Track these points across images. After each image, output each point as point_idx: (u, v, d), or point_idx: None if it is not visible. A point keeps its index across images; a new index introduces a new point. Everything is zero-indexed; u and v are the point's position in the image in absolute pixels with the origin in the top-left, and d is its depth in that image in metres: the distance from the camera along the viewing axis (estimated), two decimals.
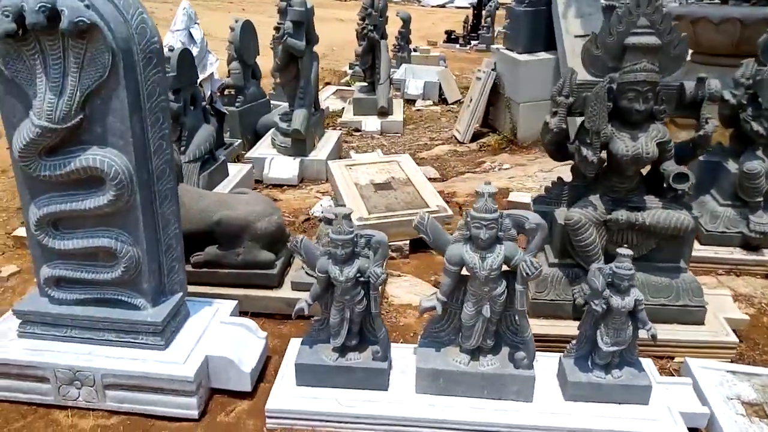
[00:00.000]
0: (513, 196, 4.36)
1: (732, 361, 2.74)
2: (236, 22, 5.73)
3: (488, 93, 6.16)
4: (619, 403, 2.33)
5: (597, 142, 2.62)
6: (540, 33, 5.77)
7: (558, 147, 2.86)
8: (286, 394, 2.40)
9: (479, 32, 13.94)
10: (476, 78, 6.47)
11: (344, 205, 3.81)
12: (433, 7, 24.31)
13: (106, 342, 2.48)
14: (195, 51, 6.39)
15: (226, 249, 3.05)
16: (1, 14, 2.00)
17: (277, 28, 4.66)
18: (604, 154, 2.69)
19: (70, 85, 2.11)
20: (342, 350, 2.45)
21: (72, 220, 2.37)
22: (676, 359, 2.79)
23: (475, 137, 6.38)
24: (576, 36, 5.54)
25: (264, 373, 2.70)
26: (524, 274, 2.17)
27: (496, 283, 2.24)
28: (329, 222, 3.02)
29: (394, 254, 3.76)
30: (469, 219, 2.20)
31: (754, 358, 2.86)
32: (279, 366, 2.76)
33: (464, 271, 2.29)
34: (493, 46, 8.43)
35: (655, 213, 2.75)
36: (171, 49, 4.16)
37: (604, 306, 2.22)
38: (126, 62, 2.12)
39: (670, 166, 2.74)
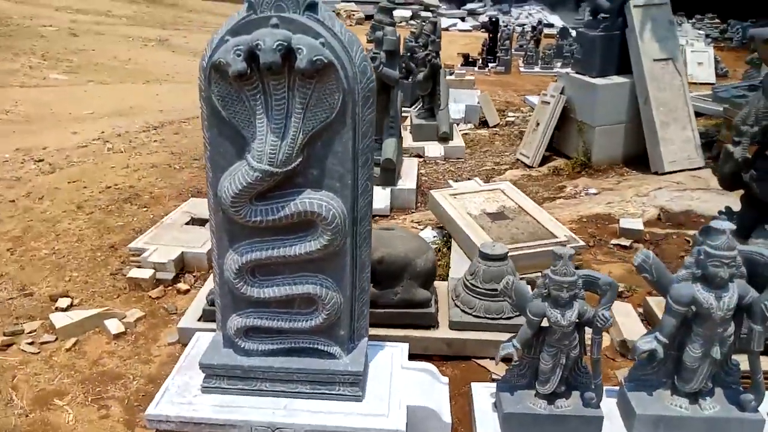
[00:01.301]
0: (624, 223, 4.29)
1: None
2: None
3: (558, 117, 6.13)
4: None
5: None
6: (613, 57, 5.77)
7: (734, 176, 2.79)
8: None
9: (497, 54, 14.00)
10: (542, 102, 6.44)
11: (480, 237, 3.70)
12: None
13: (300, 394, 2.33)
14: None
15: (383, 288, 2.93)
16: (233, 54, 1.89)
17: (373, 59, 4.60)
18: None
19: (293, 127, 2.01)
20: (549, 397, 2.33)
21: (270, 266, 2.24)
22: None
23: (542, 161, 6.34)
24: (655, 60, 5.54)
25: None
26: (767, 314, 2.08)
27: (728, 323, 2.15)
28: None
29: None
30: (702, 257, 2.11)
31: None
32: (456, 410, 2.64)
33: None
34: (562, 70, 8.49)
35: None
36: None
37: None
38: (351, 103, 2.03)
39: None
